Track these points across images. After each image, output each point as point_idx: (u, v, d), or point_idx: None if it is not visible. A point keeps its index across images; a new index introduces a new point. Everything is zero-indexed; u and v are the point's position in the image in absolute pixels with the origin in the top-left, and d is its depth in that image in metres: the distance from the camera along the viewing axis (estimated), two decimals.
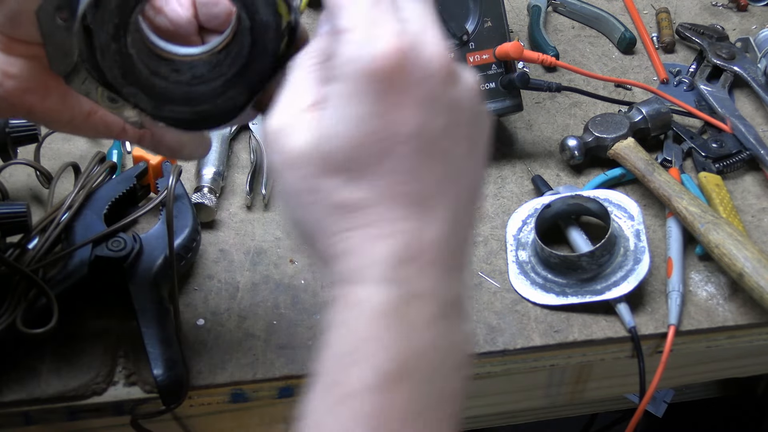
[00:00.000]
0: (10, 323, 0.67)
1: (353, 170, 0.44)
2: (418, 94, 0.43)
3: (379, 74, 0.42)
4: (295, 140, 0.44)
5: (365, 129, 0.43)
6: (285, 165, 0.45)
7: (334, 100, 0.44)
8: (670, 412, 1.32)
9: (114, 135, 0.57)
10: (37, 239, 0.75)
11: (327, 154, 0.44)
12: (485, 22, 0.88)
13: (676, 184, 0.83)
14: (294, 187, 0.45)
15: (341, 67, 0.43)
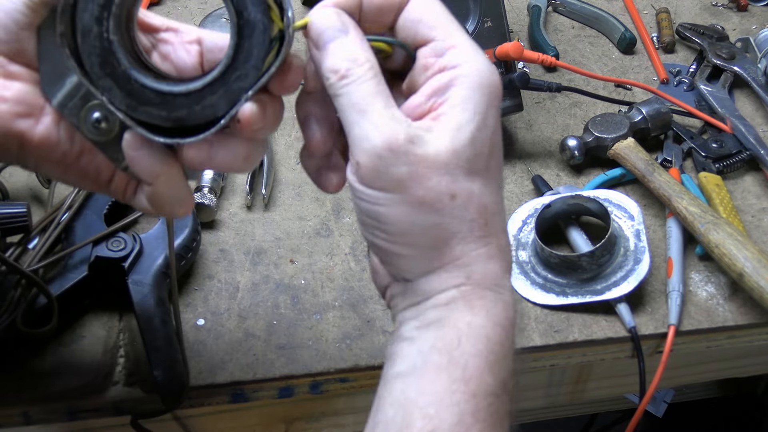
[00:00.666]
0: (10, 323, 0.67)
1: (488, 176, 0.48)
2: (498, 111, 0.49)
3: (498, 91, 0.49)
4: (436, 147, 0.47)
5: (495, 139, 0.49)
6: (430, 171, 0.47)
7: (468, 106, 0.47)
8: (670, 412, 1.32)
9: (102, 182, 0.54)
10: (37, 239, 0.75)
11: (472, 158, 0.47)
12: (485, 22, 0.88)
13: (676, 184, 0.83)
14: (441, 191, 0.47)
15: (475, 77, 0.48)
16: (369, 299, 0.78)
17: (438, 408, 0.46)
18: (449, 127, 0.47)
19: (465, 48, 0.49)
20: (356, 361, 0.73)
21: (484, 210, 0.48)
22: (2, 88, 0.50)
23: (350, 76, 0.47)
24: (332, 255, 0.81)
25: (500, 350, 0.48)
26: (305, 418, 0.81)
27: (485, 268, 0.49)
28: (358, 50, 0.48)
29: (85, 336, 0.73)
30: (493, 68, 0.49)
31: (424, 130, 0.47)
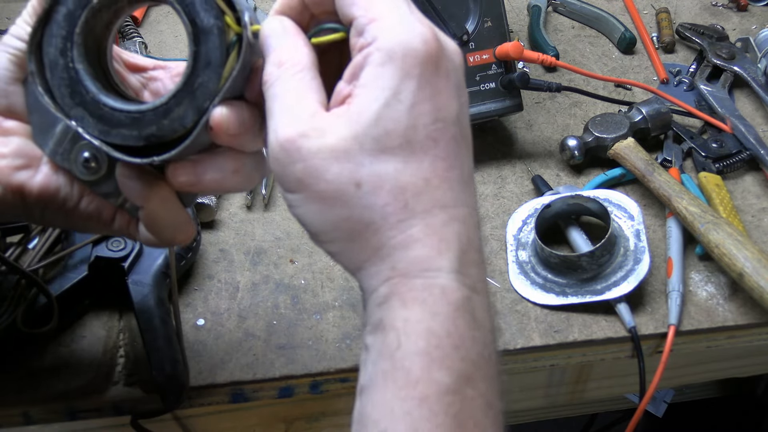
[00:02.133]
0: (10, 323, 0.67)
1: (410, 152, 0.44)
2: (452, 81, 0.45)
3: (427, 58, 0.44)
4: (335, 136, 0.44)
5: (418, 111, 0.44)
6: (327, 163, 0.43)
7: (376, 83, 0.44)
8: (670, 412, 1.32)
9: (106, 222, 0.54)
10: (37, 239, 0.75)
11: (380, 138, 0.44)
12: (485, 22, 0.88)
13: (676, 184, 0.83)
14: (342, 181, 0.44)
15: (386, 50, 0.44)
16: None
17: (390, 421, 0.42)
18: (353, 111, 0.44)
19: (384, 18, 0.44)
20: (356, 361, 0.73)
21: (401, 191, 0.44)
22: (2, 145, 0.51)
23: (269, 80, 0.46)
24: None
25: (448, 341, 0.43)
26: (305, 418, 0.82)
27: (409, 254, 0.44)
28: (285, 53, 0.47)
29: (85, 336, 0.73)
30: (417, 33, 0.44)
31: (333, 118, 0.45)
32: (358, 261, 0.45)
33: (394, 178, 0.44)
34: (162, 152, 0.48)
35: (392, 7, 0.45)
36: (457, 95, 0.46)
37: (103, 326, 0.74)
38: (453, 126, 0.45)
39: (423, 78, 0.44)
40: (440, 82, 0.45)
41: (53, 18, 0.49)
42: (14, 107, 0.52)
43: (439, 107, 0.45)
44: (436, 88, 0.45)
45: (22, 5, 0.57)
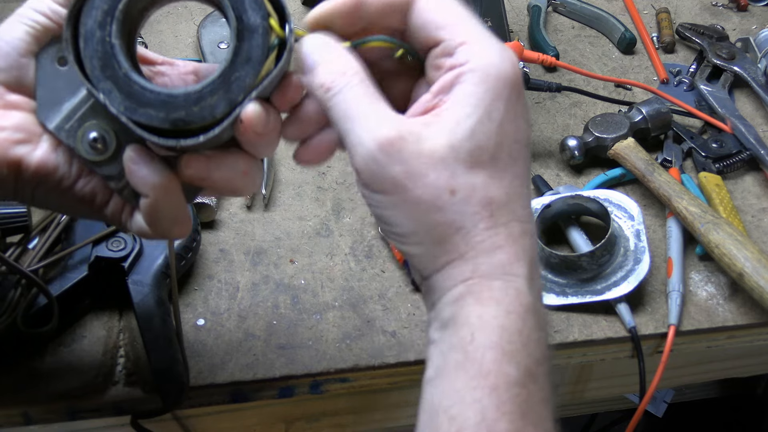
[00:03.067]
0: (10, 323, 0.67)
1: (496, 168, 0.48)
2: (525, 105, 0.50)
3: (514, 82, 0.48)
4: (432, 143, 0.47)
5: (505, 130, 0.48)
6: (426, 168, 0.46)
7: (470, 100, 0.47)
8: (670, 412, 1.32)
9: (98, 207, 0.54)
10: (37, 239, 0.75)
11: (473, 151, 0.47)
12: (485, 22, 0.88)
13: (676, 184, 0.83)
14: (439, 187, 0.47)
15: (480, 71, 0.47)
16: (369, 299, 0.78)
17: (460, 407, 0.45)
18: (448, 121, 0.47)
19: (475, 43, 0.48)
20: (356, 361, 0.73)
21: (489, 202, 0.47)
22: (2, 118, 0.51)
23: (334, 87, 0.48)
24: (332, 255, 0.81)
25: (518, 338, 0.46)
26: (305, 418, 0.82)
27: (492, 258, 0.48)
28: (342, 63, 0.49)
29: (85, 336, 0.73)
30: (507, 59, 0.48)
31: (421, 125, 0.47)
32: (440, 263, 0.48)
33: (483, 189, 0.47)
34: (185, 137, 0.48)
35: (479, 32, 0.49)
36: (526, 117, 0.50)
37: (103, 326, 0.74)
38: (526, 147, 0.51)
39: (510, 100, 0.48)
40: (520, 105, 0.49)
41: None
42: (23, 80, 0.52)
43: (519, 128, 0.49)
44: (518, 110, 0.49)
45: (20, 4, 0.57)
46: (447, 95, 0.48)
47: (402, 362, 0.74)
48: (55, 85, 0.51)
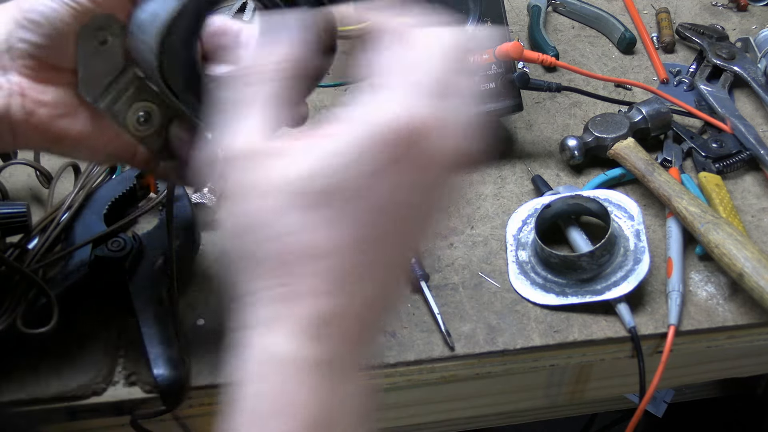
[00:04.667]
0: (10, 323, 0.67)
1: (331, 219, 0.43)
2: (421, 177, 0.44)
3: (401, 141, 0.43)
4: (289, 166, 0.43)
5: (371, 183, 0.43)
6: (269, 188, 0.43)
7: (346, 141, 0.43)
8: (670, 412, 1.32)
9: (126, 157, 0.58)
10: (37, 239, 0.75)
11: (323, 189, 0.42)
12: (485, 22, 0.88)
13: (676, 184, 0.83)
14: (269, 214, 0.43)
15: (369, 115, 0.43)
16: None
17: None
18: (298, 154, 0.43)
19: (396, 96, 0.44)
20: None
21: (305, 249, 0.42)
22: (41, 93, 0.54)
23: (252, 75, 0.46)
24: None
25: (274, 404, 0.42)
26: None
27: (272, 308, 0.43)
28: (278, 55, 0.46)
29: (85, 336, 0.73)
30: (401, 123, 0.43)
31: (290, 145, 0.43)
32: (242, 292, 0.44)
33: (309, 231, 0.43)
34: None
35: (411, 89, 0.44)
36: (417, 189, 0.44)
37: (103, 326, 0.74)
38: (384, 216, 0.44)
39: (387, 156, 0.43)
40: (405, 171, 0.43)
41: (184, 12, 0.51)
42: (62, 57, 0.54)
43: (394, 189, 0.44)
44: (397, 173, 0.43)
45: None
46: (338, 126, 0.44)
47: (402, 362, 0.74)
48: (95, 61, 0.54)
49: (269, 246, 0.43)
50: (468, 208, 0.86)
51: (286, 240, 0.43)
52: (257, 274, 0.43)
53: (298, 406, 0.42)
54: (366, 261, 0.44)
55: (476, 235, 0.84)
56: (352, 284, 0.44)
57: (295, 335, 0.43)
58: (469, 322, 0.76)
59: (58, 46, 0.54)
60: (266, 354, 0.43)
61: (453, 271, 0.80)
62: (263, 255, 0.43)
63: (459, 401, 0.88)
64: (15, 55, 0.54)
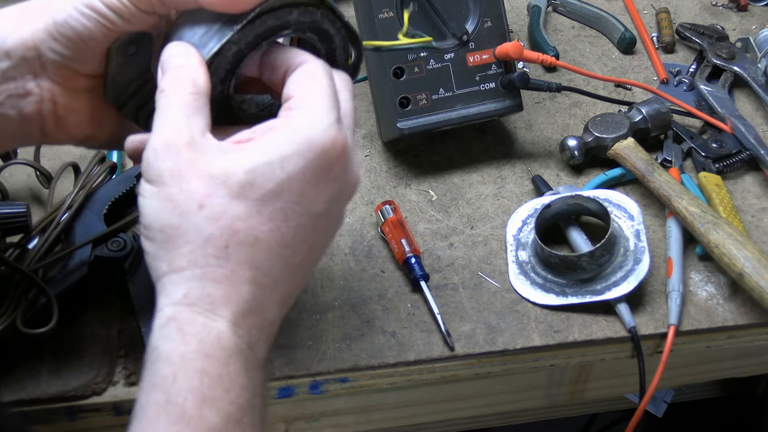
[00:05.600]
0: (10, 323, 0.67)
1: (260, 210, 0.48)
2: (333, 190, 0.51)
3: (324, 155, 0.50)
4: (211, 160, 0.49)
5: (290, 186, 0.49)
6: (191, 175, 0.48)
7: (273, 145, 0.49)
8: (670, 412, 1.32)
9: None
10: (37, 239, 0.75)
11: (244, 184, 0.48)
12: (485, 22, 0.88)
13: (676, 184, 0.83)
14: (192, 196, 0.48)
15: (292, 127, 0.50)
16: (369, 299, 0.78)
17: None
18: (240, 152, 0.49)
19: (312, 110, 0.51)
20: (356, 361, 0.73)
21: (232, 234, 0.48)
22: (71, 100, 0.57)
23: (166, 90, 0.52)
24: (332, 255, 0.81)
25: (218, 384, 0.47)
26: (305, 418, 0.81)
27: (205, 289, 0.48)
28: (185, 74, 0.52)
29: (85, 336, 0.73)
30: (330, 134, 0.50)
31: (216, 144, 0.49)
32: (162, 270, 0.49)
33: (233, 219, 0.48)
34: None
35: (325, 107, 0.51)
36: (328, 201, 0.51)
37: (103, 326, 0.74)
38: (308, 217, 0.50)
39: (311, 165, 0.49)
40: (322, 181, 0.50)
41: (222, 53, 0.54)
42: (94, 68, 0.57)
43: (307, 195, 0.50)
44: (316, 181, 0.50)
45: None
46: (261, 135, 0.50)
47: (402, 362, 0.74)
48: (123, 70, 0.57)
49: (212, 226, 0.48)
50: (468, 208, 0.86)
51: (232, 225, 0.48)
52: (190, 251, 0.48)
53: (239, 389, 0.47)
54: (289, 259, 0.50)
55: (476, 235, 0.84)
56: (277, 280, 0.50)
57: (232, 322, 0.48)
58: (469, 322, 0.76)
59: (89, 59, 0.56)
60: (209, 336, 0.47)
61: (453, 271, 0.80)
62: (203, 234, 0.48)
63: (459, 401, 0.88)
64: (46, 62, 0.56)
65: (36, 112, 0.57)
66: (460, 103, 0.87)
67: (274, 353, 0.73)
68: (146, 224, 0.49)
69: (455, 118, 0.87)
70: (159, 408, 0.46)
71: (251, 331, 0.49)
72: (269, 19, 0.55)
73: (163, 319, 0.48)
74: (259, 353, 0.51)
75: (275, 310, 0.52)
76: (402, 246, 0.79)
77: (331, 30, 0.58)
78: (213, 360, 0.47)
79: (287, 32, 0.56)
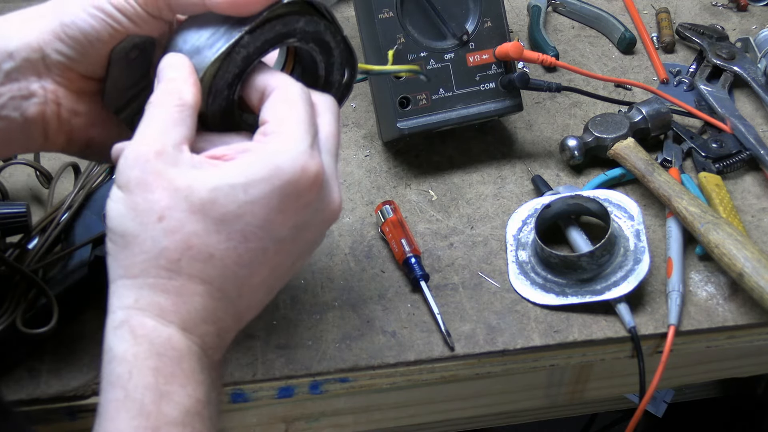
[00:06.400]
0: (10, 323, 0.67)
1: (218, 229, 0.49)
2: (301, 218, 0.52)
3: (294, 183, 0.50)
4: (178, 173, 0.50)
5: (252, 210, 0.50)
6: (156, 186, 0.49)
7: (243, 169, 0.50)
8: (670, 412, 1.32)
9: None
10: (37, 239, 0.75)
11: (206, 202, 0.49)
12: (485, 22, 0.88)
13: (676, 184, 0.83)
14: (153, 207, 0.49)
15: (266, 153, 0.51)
16: (369, 299, 0.78)
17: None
18: (209, 167, 0.50)
19: (286, 138, 0.51)
20: (356, 361, 0.73)
21: (186, 248, 0.49)
22: (75, 103, 0.58)
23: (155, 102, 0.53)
24: (332, 255, 0.81)
25: (173, 380, 0.48)
26: (305, 418, 0.82)
27: (155, 297, 0.49)
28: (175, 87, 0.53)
29: (85, 336, 0.73)
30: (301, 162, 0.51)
31: (188, 159, 0.50)
32: (117, 273, 0.50)
33: (189, 235, 0.49)
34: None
35: (299, 135, 0.52)
36: (294, 227, 0.52)
37: (103, 326, 0.73)
38: (271, 242, 0.51)
39: (278, 192, 0.50)
40: (289, 208, 0.51)
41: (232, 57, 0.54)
42: (97, 71, 0.57)
43: (271, 220, 0.51)
44: (282, 208, 0.51)
45: (22, 5, 0.57)
46: (235, 154, 0.51)
47: (401, 362, 0.74)
48: (121, 75, 0.58)
49: (168, 239, 0.49)
50: (468, 208, 0.86)
51: (188, 240, 0.49)
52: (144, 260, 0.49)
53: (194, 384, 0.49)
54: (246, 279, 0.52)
55: (476, 235, 0.84)
56: (232, 295, 0.51)
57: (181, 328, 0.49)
58: (469, 322, 0.76)
59: (93, 61, 0.56)
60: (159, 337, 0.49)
61: (453, 271, 0.81)
62: (158, 245, 0.49)
63: (459, 401, 0.88)
64: (50, 64, 0.56)
65: (39, 114, 0.57)
66: (460, 103, 0.87)
67: (274, 353, 0.73)
68: (110, 227, 0.51)
69: (455, 118, 0.87)
70: (119, 404, 0.48)
71: (204, 338, 0.51)
72: (277, 24, 0.55)
73: (116, 321, 0.50)
74: (214, 357, 0.52)
75: (232, 321, 0.53)
76: (402, 246, 0.79)
77: (332, 42, 0.58)
78: (165, 359, 0.49)
79: (292, 40, 0.56)
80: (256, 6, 0.53)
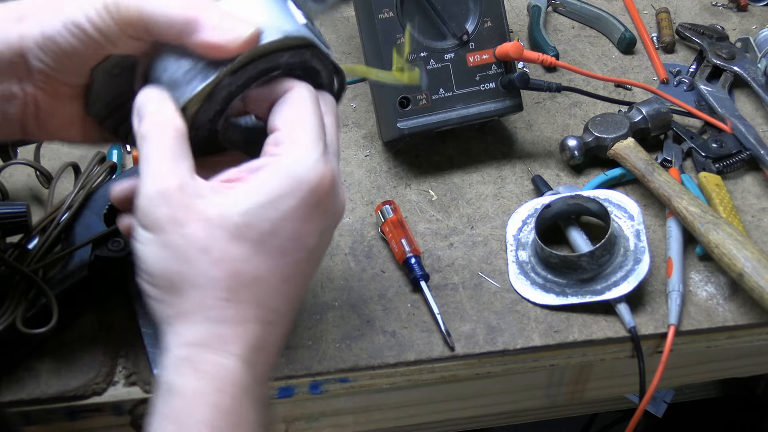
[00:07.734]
0: (10, 323, 0.67)
1: (259, 250, 0.50)
2: (323, 222, 0.52)
3: (313, 191, 0.51)
4: (207, 203, 0.49)
5: (284, 225, 0.50)
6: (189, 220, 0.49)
7: (265, 186, 0.50)
8: (670, 412, 1.32)
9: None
10: (37, 239, 0.75)
11: (241, 225, 0.49)
12: (485, 22, 0.88)
13: (676, 184, 0.83)
14: (193, 241, 0.49)
15: (283, 165, 0.51)
16: (369, 299, 0.78)
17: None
18: (233, 193, 0.50)
19: (299, 146, 0.51)
20: (356, 361, 0.73)
21: (236, 275, 0.49)
22: (54, 107, 0.58)
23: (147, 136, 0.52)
24: (332, 255, 0.81)
25: (229, 418, 0.48)
26: (305, 418, 0.82)
27: (217, 329, 0.49)
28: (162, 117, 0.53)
29: (85, 336, 0.73)
30: (318, 170, 0.51)
31: (208, 187, 0.50)
32: (169, 313, 0.50)
33: (235, 261, 0.49)
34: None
35: (311, 141, 0.52)
36: (320, 234, 0.53)
37: (102, 326, 0.74)
38: (304, 252, 0.52)
39: (307, 204, 0.51)
40: (314, 216, 0.51)
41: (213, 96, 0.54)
42: (78, 80, 0.57)
43: (301, 231, 0.51)
44: (308, 217, 0.51)
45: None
46: (251, 174, 0.51)
47: (402, 362, 0.74)
48: (105, 88, 0.58)
49: (217, 269, 0.49)
50: (468, 208, 0.86)
51: (235, 266, 0.49)
52: (198, 295, 0.49)
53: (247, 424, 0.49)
54: (289, 293, 0.52)
55: (476, 235, 0.84)
56: (280, 314, 0.52)
57: (242, 359, 0.49)
58: (469, 322, 0.76)
59: (74, 72, 0.56)
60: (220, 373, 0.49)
61: (453, 271, 0.81)
62: (209, 278, 0.49)
63: (459, 401, 0.88)
64: (32, 69, 0.56)
65: (18, 114, 0.57)
66: (460, 103, 0.87)
67: None
68: (150, 272, 0.50)
69: (455, 118, 0.87)
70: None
71: (258, 367, 0.51)
72: (260, 63, 0.54)
73: (176, 358, 0.49)
74: (264, 389, 0.52)
75: (278, 344, 0.53)
76: (402, 246, 0.79)
77: (319, 66, 0.57)
78: (225, 395, 0.48)
79: (276, 73, 0.55)
80: (233, 52, 0.52)
